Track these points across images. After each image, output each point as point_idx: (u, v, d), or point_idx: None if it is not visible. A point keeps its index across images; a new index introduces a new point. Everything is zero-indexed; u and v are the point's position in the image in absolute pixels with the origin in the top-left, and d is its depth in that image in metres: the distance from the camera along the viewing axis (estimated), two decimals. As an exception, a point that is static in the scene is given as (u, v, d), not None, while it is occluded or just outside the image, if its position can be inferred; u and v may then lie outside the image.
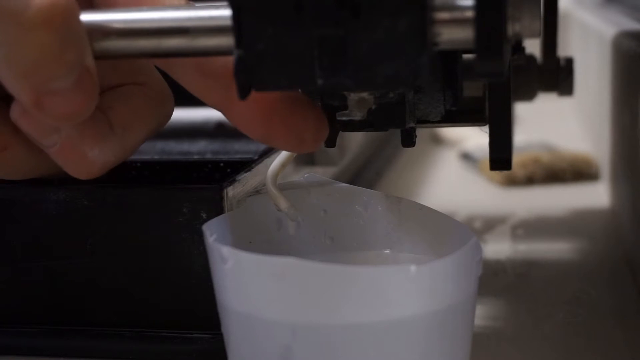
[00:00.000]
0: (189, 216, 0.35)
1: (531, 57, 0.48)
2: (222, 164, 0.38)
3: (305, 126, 0.30)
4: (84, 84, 0.28)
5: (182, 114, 0.44)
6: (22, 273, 0.37)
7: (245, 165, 0.38)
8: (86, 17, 0.28)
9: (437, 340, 0.28)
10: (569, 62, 0.50)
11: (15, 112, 0.30)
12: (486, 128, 0.35)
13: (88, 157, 0.31)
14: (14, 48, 0.27)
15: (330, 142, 0.33)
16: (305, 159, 0.50)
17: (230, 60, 0.27)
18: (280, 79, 0.27)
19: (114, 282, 0.36)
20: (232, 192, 0.35)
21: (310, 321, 0.27)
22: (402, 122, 0.31)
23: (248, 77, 0.27)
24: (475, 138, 0.73)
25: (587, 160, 0.66)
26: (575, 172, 0.65)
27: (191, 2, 0.31)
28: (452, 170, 0.71)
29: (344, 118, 0.31)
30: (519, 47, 0.41)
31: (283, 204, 0.34)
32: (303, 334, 0.27)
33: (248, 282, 0.28)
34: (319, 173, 0.36)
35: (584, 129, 0.81)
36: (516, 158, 0.57)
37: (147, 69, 0.34)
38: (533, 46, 0.46)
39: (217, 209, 0.34)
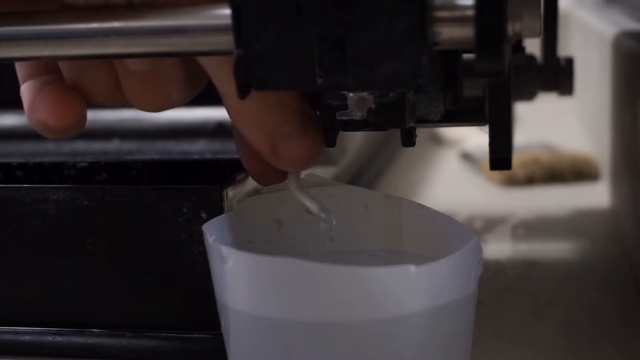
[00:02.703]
0: (189, 216, 0.35)
1: (531, 57, 0.48)
2: (222, 164, 0.38)
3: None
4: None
5: (182, 114, 0.43)
6: (22, 273, 0.37)
7: (245, 165, 0.38)
8: (85, 17, 0.28)
9: (437, 340, 0.28)
10: (569, 62, 0.50)
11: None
12: (486, 128, 0.35)
13: None
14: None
15: (330, 142, 0.33)
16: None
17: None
18: (280, 79, 0.27)
19: (114, 282, 0.36)
20: (232, 192, 0.35)
21: (310, 320, 0.27)
22: (402, 121, 0.31)
23: (248, 77, 0.27)
24: (475, 138, 0.73)
25: (588, 160, 0.66)
26: (576, 172, 0.65)
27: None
28: (452, 170, 0.71)
29: (344, 118, 0.31)
30: (519, 47, 0.41)
31: (313, 207, 0.33)
32: (303, 333, 0.27)
33: (248, 282, 0.28)
34: (319, 173, 0.36)
35: (584, 129, 0.81)
36: (516, 158, 0.57)
37: None
38: (533, 46, 0.46)
39: (217, 209, 0.34)
